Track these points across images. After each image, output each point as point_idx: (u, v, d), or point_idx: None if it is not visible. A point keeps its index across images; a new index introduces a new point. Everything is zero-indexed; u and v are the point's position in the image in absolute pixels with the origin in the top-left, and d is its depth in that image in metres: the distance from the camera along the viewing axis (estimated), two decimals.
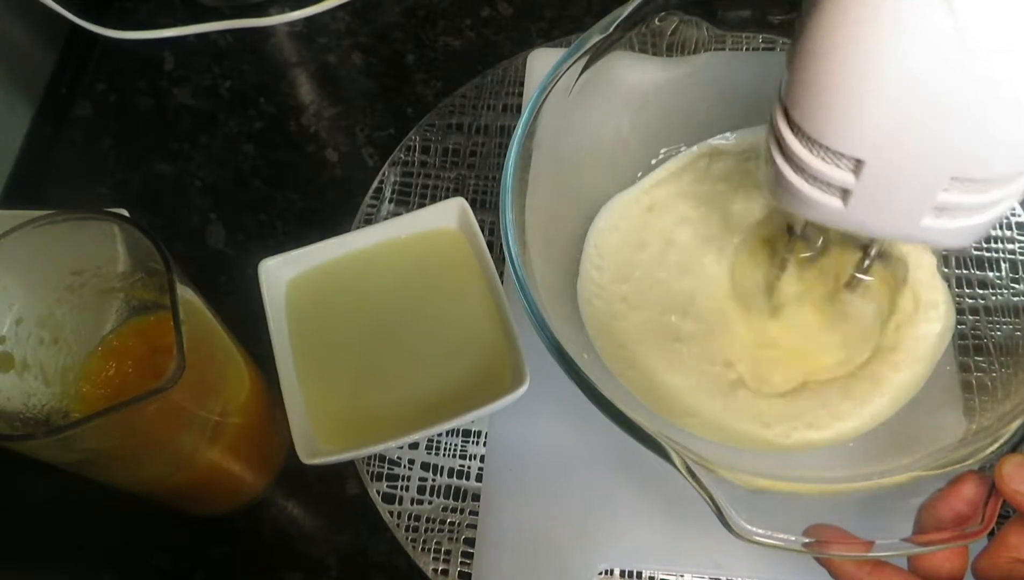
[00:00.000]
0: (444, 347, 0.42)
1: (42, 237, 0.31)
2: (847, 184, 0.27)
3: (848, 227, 0.30)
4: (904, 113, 0.24)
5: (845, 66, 0.24)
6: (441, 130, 0.52)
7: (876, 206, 0.27)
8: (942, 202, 0.26)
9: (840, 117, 0.25)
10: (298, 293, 0.43)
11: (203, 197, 0.51)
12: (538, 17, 0.57)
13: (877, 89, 0.24)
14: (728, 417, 0.38)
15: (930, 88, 0.23)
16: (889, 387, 0.39)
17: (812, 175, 0.27)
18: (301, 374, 0.41)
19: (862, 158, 0.26)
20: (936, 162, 0.25)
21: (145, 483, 0.36)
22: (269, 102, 0.54)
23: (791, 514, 0.30)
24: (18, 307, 0.33)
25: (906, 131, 0.24)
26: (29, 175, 0.53)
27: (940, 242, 0.29)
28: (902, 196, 0.26)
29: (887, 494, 0.32)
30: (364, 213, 0.49)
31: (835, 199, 0.28)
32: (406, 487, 0.42)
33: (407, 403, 0.40)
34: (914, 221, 0.27)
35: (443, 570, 0.40)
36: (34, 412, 0.33)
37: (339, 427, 0.40)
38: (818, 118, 0.26)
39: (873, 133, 0.25)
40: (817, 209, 0.28)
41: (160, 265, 0.30)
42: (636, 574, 0.40)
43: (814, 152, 0.27)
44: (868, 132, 0.25)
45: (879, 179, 0.26)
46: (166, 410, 0.31)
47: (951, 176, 0.25)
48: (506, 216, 0.35)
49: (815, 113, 0.26)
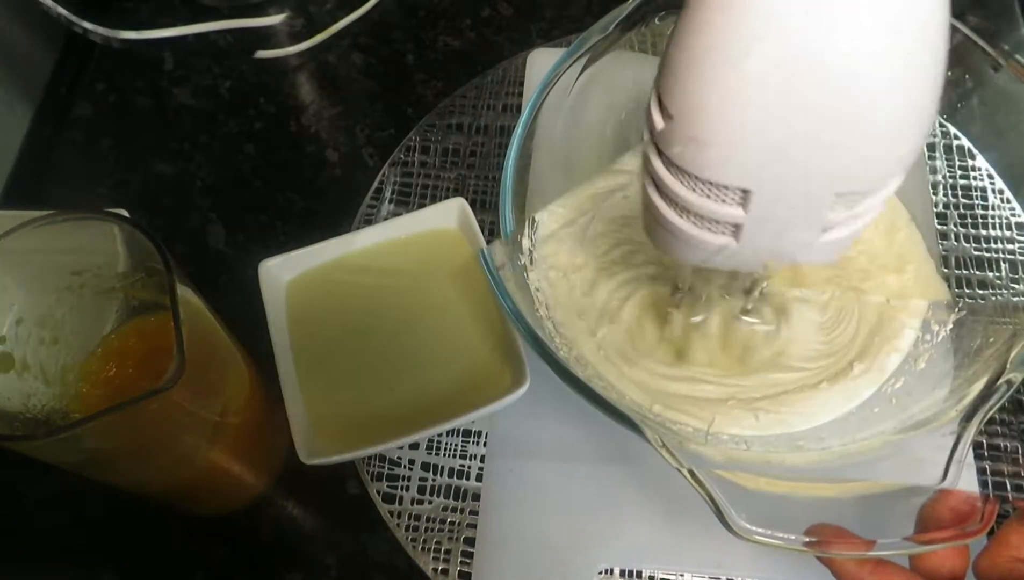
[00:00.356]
0: (444, 347, 0.42)
1: (42, 237, 0.31)
2: (737, 219, 0.26)
3: (739, 264, 0.29)
4: (782, 136, 0.23)
5: (718, 83, 0.23)
6: (441, 130, 0.52)
7: (767, 236, 0.26)
8: (831, 219, 0.26)
9: (719, 148, 0.24)
10: (298, 293, 0.43)
11: (203, 197, 0.51)
12: (538, 17, 0.57)
13: (757, 107, 0.23)
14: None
15: (802, 103, 0.22)
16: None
17: (699, 215, 0.26)
18: (301, 374, 0.41)
19: (749, 188, 0.24)
20: (819, 182, 0.24)
21: (145, 483, 0.36)
22: (269, 102, 0.54)
23: (791, 514, 0.31)
24: (18, 307, 0.33)
25: (786, 154, 0.24)
26: (29, 175, 0.53)
27: (822, 257, 0.28)
28: (791, 222, 0.26)
29: (887, 495, 0.32)
30: (364, 213, 0.49)
31: (726, 237, 0.27)
32: (406, 487, 0.42)
33: (407, 403, 0.41)
34: (807, 242, 0.27)
35: (443, 570, 0.40)
36: (34, 412, 0.33)
37: (339, 427, 0.40)
38: (696, 154, 0.24)
39: (757, 158, 0.24)
40: (707, 251, 0.27)
41: (160, 265, 0.30)
42: (636, 574, 0.40)
43: (698, 191, 0.25)
44: (752, 157, 0.24)
45: (768, 208, 0.25)
46: (166, 410, 0.31)
47: (835, 192, 0.25)
48: (506, 215, 0.35)
49: (693, 150, 0.24)
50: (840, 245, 0.28)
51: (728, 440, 0.37)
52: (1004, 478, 0.41)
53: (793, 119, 0.23)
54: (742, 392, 0.40)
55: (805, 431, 0.38)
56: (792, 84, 0.22)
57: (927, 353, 0.39)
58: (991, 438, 0.42)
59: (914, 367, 0.39)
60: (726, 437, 0.38)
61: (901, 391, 0.38)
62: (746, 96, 0.23)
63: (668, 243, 0.28)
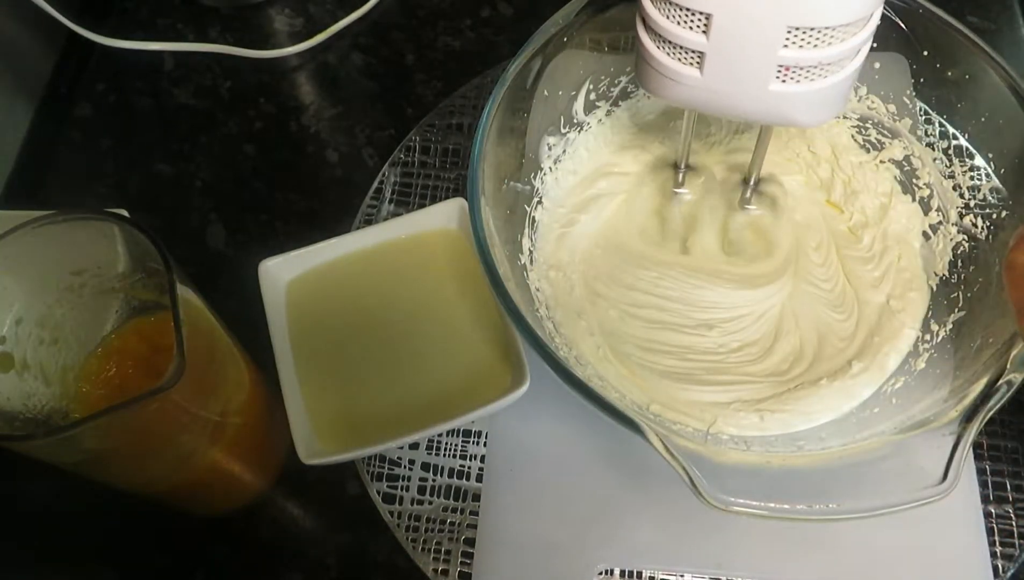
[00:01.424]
0: (444, 347, 0.42)
1: (42, 237, 0.31)
2: (700, 45, 0.29)
3: (710, 105, 0.31)
4: None
5: None
6: (441, 130, 0.52)
7: (728, 69, 0.29)
8: (784, 58, 0.28)
9: None
10: (298, 293, 0.43)
11: (203, 197, 0.51)
12: (538, 17, 0.57)
13: None
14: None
15: None
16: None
17: (669, 40, 0.30)
18: (301, 374, 0.41)
19: (709, 11, 0.28)
20: (773, 9, 0.27)
21: (145, 483, 0.36)
22: (269, 102, 0.54)
23: (765, 485, 0.32)
24: (18, 307, 0.33)
25: None
26: (29, 175, 0.53)
27: (795, 117, 0.31)
28: (749, 53, 0.28)
29: (856, 462, 0.33)
30: (364, 213, 0.49)
31: (692, 68, 0.30)
32: (406, 487, 0.42)
33: (407, 403, 0.41)
34: (763, 84, 0.29)
35: (443, 570, 0.40)
36: (34, 412, 0.33)
37: (339, 427, 0.40)
38: None
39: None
40: (679, 82, 0.31)
41: (160, 265, 0.30)
42: (636, 574, 0.40)
43: (670, 16, 0.29)
44: None
45: (727, 35, 0.28)
46: (166, 410, 0.31)
47: (788, 25, 0.27)
48: (475, 192, 0.36)
49: None
50: (797, 104, 0.30)
51: (728, 440, 0.38)
52: (1004, 478, 0.41)
53: None
54: (751, 393, 0.40)
55: (805, 431, 0.38)
56: None
57: (927, 353, 0.39)
58: (991, 438, 0.42)
59: (913, 367, 0.39)
60: (726, 437, 0.38)
61: (901, 391, 0.38)
62: None
63: (650, 78, 0.32)
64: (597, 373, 0.40)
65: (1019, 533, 0.40)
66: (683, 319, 0.42)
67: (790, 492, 0.31)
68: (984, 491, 0.41)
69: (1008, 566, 0.39)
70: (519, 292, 0.36)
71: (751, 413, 0.39)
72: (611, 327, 0.42)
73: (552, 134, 0.43)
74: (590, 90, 0.44)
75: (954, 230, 0.41)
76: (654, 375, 0.40)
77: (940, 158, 0.41)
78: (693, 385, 0.40)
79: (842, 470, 0.33)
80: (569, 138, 0.44)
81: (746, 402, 0.39)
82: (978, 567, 0.39)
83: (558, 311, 0.41)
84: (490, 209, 0.37)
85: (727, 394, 0.40)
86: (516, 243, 0.41)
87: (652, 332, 0.42)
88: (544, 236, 0.43)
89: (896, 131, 0.43)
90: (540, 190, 0.43)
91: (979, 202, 0.39)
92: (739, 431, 0.38)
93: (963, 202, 0.40)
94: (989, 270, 0.38)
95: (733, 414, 0.39)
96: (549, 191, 0.44)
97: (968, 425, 0.31)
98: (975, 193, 0.40)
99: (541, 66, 0.39)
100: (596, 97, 0.44)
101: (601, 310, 0.42)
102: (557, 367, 0.32)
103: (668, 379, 0.40)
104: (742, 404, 0.39)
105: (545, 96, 0.41)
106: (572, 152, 0.44)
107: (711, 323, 0.42)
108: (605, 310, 0.42)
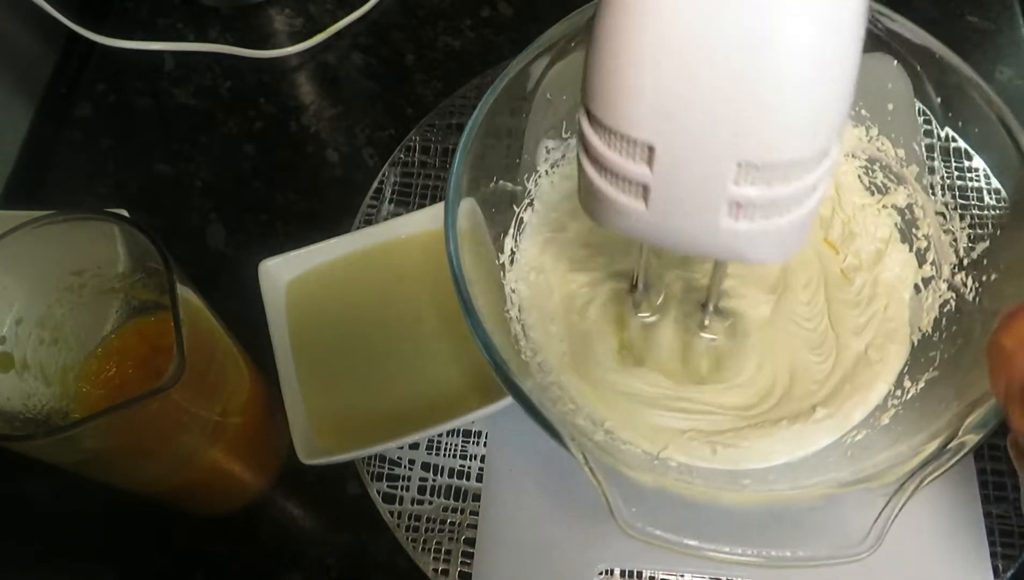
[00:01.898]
0: (445, 348, 0.42)
1: (42, 237, 0.31)
2: (644, 178, 0.27)
3: (659, 239, 0.29)
4: (683, 86, 0.24)
5: (625, 36, 0.24)
6: (441, 130, 0.52)
7: (674, 204, 0.27)
8: (735, 195, 0.26)
9: (625, 94, 0.25)
10: (298, 293, 0.43)
11: (203, 197, 0.51)
12: (538, 17, 0.57)
13: (656, 58, 0.24)
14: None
15: (705, 54, 0.23)
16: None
17: (612, 172, 0.27)
18: (301, 374, 0.41)
19: (652, 143, 0.25)
20: (720, 144, 0.25)
21: (145, 483, 0.36)
22: (269, 102, 0.54)
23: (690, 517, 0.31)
24: (18, 307, 0.33)
25: (688, 107, 0.24)
26: (29, 175, 0.53)
27: (750, 254, 0.28)
28: (695, 189, 0.26)
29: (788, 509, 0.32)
30: (364, 213, 0.49)
31: (638, 201, 0.28)
32: (406, 487, 0.42)
33: (407, 403, 0.41)
34: (712, 221, 0.27)
35: (443, 570, 0.40)
36: (34, 412, 0.33)
37: (338, 427, 0.40)
38: (607, 101, 0.26)
39: (657, 110, 0.25)
40: (624, 215, 0.28)
41: (160, 265, 0.30)
42: (636, 574, 0.40)
43: (611, 145, 0.27)
44: (653, 110, 0.25)
45: (671, 169, 0.26)
46: (166, 410, 0.31)
47: (737, 160, 0.25)
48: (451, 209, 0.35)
49: (604, 96, 0.26)
50: (751, 243, 0.27)
51: (676, 468, 0.37)
52: (1004, 478, 0.41)
53: (694, 74, 0.24)
54: (708, 425, 0.39)
55: (753, 470, 0.37)
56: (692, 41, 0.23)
57: (893, 409, 0.38)
58: (991, 438, 0.42)
59: (878, 421, 0.38)
60: (675, 464, 0.37)
61: (860, 443, 0.37)
62: (649, 48, 0.24)
63: (594, 207, 0.30)
64: (558, 381, 0.39)
65: (1019, 533, 0.40)
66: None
67: (711, 530, 0.30)
68: (984, 491, 0.41)
69: (1008, 566, 0.39)
70: (492, 291, 0.36)
71: (704, 444, 0.38)
72: (581, 339, 0.41)
73: (552, 138, 0.43)
74: None
75: (944, 286, 0.40)
76: (618, 395, 0.39)
77: (942, 210, 0.40)
78: (654, 409, 0.39)
79: (769, 515, 0.32)
80: (570, 144, 0.44)
81: (702, 432, 0.38)
82: (978, 567, 0.39)
83: (532, 314, 0.41)
84: (471, 205, 0.36)
85: (686, 421, 0.39)
86: (498, 242, 0.40)
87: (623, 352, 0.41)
88: (530, 238, 0.43)
89: (902, 177, 0.42)
90: (533, 192, 0.43)
91: (976, 204, 0.39)
92: (688, 460, 0.37)
93: (957, 259, 0.39)
94: (969, 335, 0.37)
95: (687, 442, 0.38)
96: (542, 194, 0.43)
97: (902, 487, 0.30)
98: (972, 194, 0.39)
99: (544, 69, 0.38)
100: None
101: (574, 322, 0.41)
102: (493, 361, 0.32)
103: (630, 401, 0.39)
104: (697, 434, 0.38)
105: (548, 99, 0.40)
106: (572, 158, 0.44)
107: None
108: (578, 323, 0.41)
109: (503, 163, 0.40)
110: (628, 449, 0.37)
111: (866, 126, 0.42)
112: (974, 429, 0.31)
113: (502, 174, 0.40)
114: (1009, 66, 0.54)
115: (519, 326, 0.40)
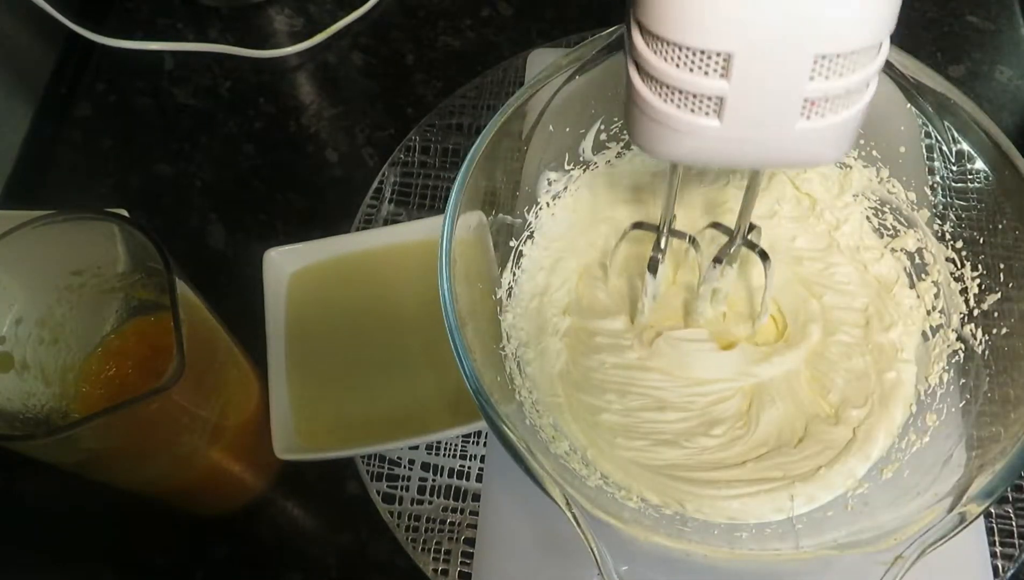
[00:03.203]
0: (441, 355, 0.41)
1: (42, 237, 0.31)
2: (720, 91, 0.25)
3: (723, 157, 0.28)
4: None
5: None
6: (441, 130, 0.52)
7: (751, 112, 0.26)
8: (809, 92, 0.25)
9: (698, 4, 0.24)
10: (300, 286, 0.43)
11: (203, 197, 0.51)
12: (538, 17, 0.57)
13: None
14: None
15: None
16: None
17: (682, 91, 0.25)
18: (291, 367, 0.40)
19: (731, 51, 0.24)
20: (799, 39, 0.24)
21: (145, 483, 0.36)
22: (269, 102, 0.54)
23: (680, 571, 0.30)
24: (18, 307, 0.33)
25: (767, 7, 0.23)
26: (29, 175, 0.53)
27: (816, 157, 0.28)
28: (775, 92, 0.25)
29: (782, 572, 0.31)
30: (364, 213, 0.49)
31: (710, 118, 0.26)
32: (406, 487, 0.42)
33: (395, 410, 0.40)
34: (789, 123, 0.26)
35: (443, 570, 0.40)
36: (34, 412, 0.33)
37: (323, 425, 0.40)
38: (676, 15, 0.24)
39: (735, 16, 0.24)
40: (692, 136, 0.26)
41: (160, 265, 0.30)
42: None
43: (680, 62, 0.25)
44: (731, 16, 0.24)
45: (750, 74, 0.25)
46: (166, 410, 0.31)
47: (815, 54, 0.24)
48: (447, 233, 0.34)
49: (672, 11, 0.24)
50: (818, 142, 0.27)
51: (669, 518, 0.36)
52: None
53: None
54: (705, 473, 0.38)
55: (749, 524, 0.36)
56: None
57: (896, 462, 0.37)
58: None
59: (880, 476, 0.37)
60: (670, 512, 0.36)
61: (861, 499, 0.36)
62: None
63: (653, 135, 0.27)
64: (554, 422, 0.38)
65: (1019, 533, 0.40)
66: (670, 394, 0.40)
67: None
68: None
69: (1008, 566, 0.39)
70: (486, 327, 0.35)
71: (702, 492, 0.37)
72: (580, 386, 0.40)
73: (554, 170, 0.42)
74: (601, 129, 0.41)
75: (953, 337, 0.39)
76: (615, 448, 0.39)
77: (952, 257, 0.39)
78: (655, 449, 0.38)
79: (753, 576, 0.32)
80: (572, 176, 0.42)
81: (699, 481, 0.37)
82: (978, 567, 0.39)
83: (529, 350, 0.40)
84: (479, 217, 0.35)
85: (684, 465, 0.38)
86: (495, 279, 0.39)
87: (629, 402, 0.40)
88: (528, 271, 0.42)
89: (913, 221, 0.41)
90: (533, 225, 0.42)
91: (976, 205, 0.39)
92: (682, 511, 0.36)
93: (967, 309, 0.38)
94: (977, 391, 0.36)
95: (684, 488, 0.37)
96: (543, 227, 0.42)
97: (901, 559, 0.29)
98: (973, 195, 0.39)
99: (546, 103, 0.37)
100: (607, 138, 0.42)
101: (580, 370, 0.40)
102: (481, 399, 0.31)
103: (630, 451, 0.38)
104: (695, 482, 0.37)
105: (550, 131, 0.39)
106: (575, 190, 0.43)
107: (692, 402, 0.40)
108: (584, 372, 0.40)
109: (501, 197, 0.39)
110: (621, 498, 0.36)
111: (877, 167, 0.41)
112: (980, 498, 0.30)
113: (501, 207, 0.39)
114: (1009, 66, 0.54)
115: (514, 363, 0.38)
